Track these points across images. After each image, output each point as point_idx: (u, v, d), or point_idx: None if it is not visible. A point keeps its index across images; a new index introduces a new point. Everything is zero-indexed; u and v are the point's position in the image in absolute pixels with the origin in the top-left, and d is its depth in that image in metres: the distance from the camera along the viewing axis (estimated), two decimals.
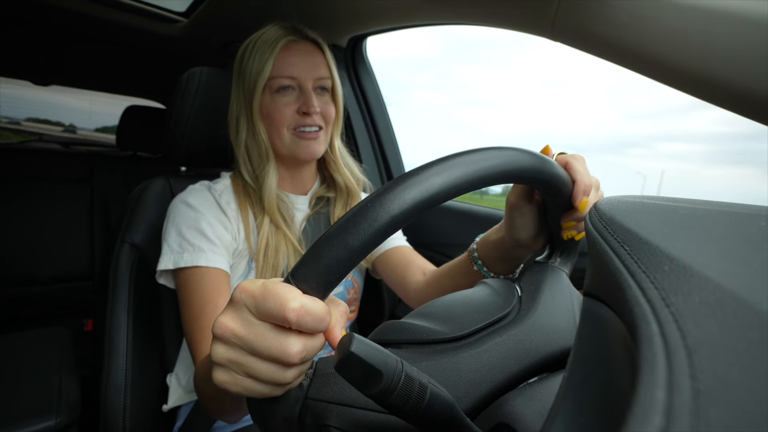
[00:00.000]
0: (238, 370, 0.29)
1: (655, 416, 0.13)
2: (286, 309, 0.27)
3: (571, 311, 0.42)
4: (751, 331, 0.14)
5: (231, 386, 0.30)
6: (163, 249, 0.68)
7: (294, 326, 0.27)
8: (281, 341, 0.28)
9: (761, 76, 0.41)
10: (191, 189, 0.74)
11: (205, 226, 0.68)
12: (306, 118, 0.73)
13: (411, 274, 0.77)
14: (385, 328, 0.38)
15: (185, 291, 0.65)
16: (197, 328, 0.62)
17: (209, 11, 1.14)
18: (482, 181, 0.33)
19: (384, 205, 0.29)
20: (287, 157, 0.76)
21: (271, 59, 0.71)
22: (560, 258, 0.50)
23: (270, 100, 0.73)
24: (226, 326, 0.29)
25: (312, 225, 0.81)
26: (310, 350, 0.29)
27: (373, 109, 1.25)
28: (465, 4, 0.74)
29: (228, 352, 0.29)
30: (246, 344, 0.28)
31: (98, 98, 2.20)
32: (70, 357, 0.92)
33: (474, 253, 0.59)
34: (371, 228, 0.28)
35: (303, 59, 0.73)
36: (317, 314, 0.28)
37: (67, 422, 0.75)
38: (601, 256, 0.23)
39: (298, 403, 0.32)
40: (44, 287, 1.66)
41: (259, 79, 0.71)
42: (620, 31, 0.51)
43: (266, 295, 0.28)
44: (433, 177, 0.30)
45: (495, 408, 0.32)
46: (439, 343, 0.36)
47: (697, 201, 0.26)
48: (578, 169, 0.44)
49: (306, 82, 0.73)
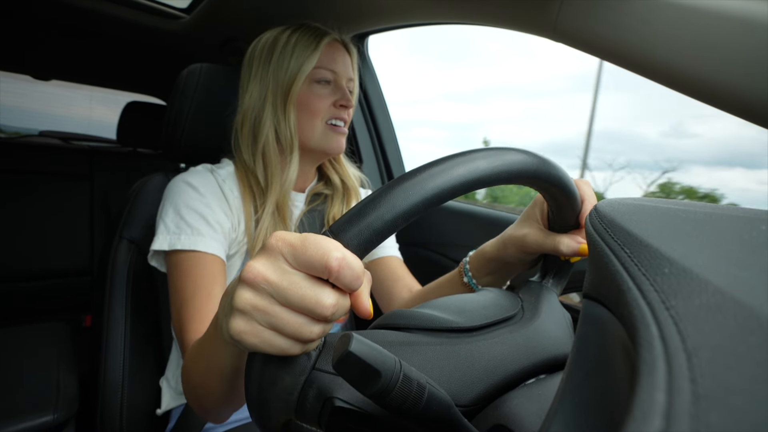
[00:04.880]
0: (261, 319, 0.28)
1: (654, 419, 0.13)
2: (329, 257, 0.26)
3: (567, 329, 0.43)
4: (751, 334, 0.14)
5: (248, 336, 0.28)
6: (159, 228, 0.65)
7: (333, 276, 0.27)
8: (316, 291, 0.27)
9: (763, 79, 0.41)
10: (194, 170, 0.73)
11: (206, 210, 0.66)
12: (342, 111, 0.75)
13: (398, 290, 0.78)
14: (394, 315, 0.37)
15: (178, 274, 0.62)
16: (186, 314, 0.59)
17: (211, 8, 1.14)
18: (520, 174, 0.35)
19: (434, 176, 0.30)
20: (314, 149, 0.76)
21: (318, 51, 0.73)
22: (552, 279, 0.52)
23: (308, 89, 0.74)
24: (258, 271, 0.27)
25: (308, 221, 0.81)
26: (340, 307, 0.28)
27: (374, 108, 1.25)
28: (467, 4, 0.74)
29: (255, 299, 0.28)
30: (278, 292, 0.27)
31: (97, 107, 2.19)
32: (69, 352, 0.92)
33: (466, 266, 0.60)
34: (418, 195, 0.29)
35: (341, 58, 0.76)
36: (356, 270, 0.27)
37: (64, 417, 0.75)
38: (601, 258, 0.23)
39: (305, 372, 0.30)
40: (43, 282, 1.66)
41: (303, 68, 0.72)
42: (622, 33, 0.51)
43: (307, 243, 0.27)
44: (479, 160, 0.33)
45: (492, 409, 0.33)
46: (453, 331, 0.36)
47: (698, 204, 0.26)
48: (586, 190, 0.48)
49: (342, 79, 0.76)
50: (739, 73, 0.42)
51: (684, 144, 4.07)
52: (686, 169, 2.76)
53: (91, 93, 2.36)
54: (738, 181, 2.90)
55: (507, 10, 0.67)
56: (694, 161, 3.65)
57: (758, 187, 2.31)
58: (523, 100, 7.95)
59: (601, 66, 5.90)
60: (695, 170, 2.99)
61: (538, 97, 7.42)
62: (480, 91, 8.67)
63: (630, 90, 4.73)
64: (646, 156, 3.39)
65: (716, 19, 0.43)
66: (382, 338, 0.33)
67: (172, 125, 0.84)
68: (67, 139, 2.05)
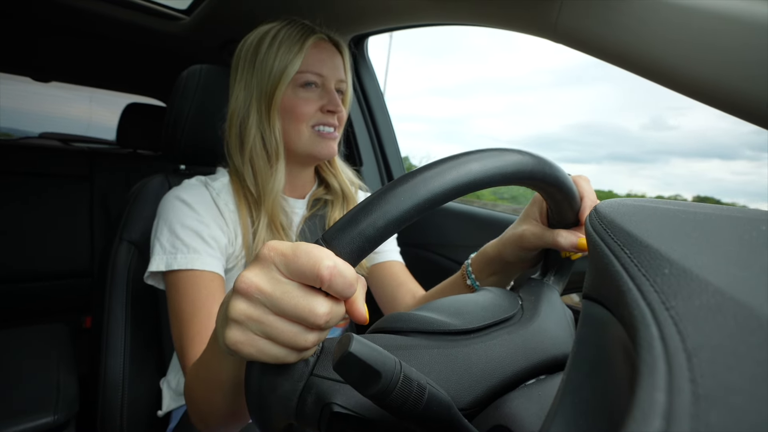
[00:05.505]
0: (256, 329, 0.28)
1: (654, 419, 0.13)
2: (320, 266, 0.26)
3: (568, 327, 0.43)
4: (751, 335, 0.14)
5: (244, 347, 0.28)
6: (155, 249, 0.64)
7: (325, 285, 0.27)
8: (309, 300, 0.28)
9: (763, 79, 0.41)
10: (187, 184, 0.71)
11: (200, 227, 0.65)
12: (329, 116, 0.71)
13: (401, 295, 0.77)
14: (392, 318, 0.37)
15: (176, 294, 0.61)
16: (187, 335, 0.58)
17: (211, 9, 1.14)
18: (515, 176, 0.35)
19: (426, 181, 0.30)
20: (302, 155, 0.73)
21: (302, 53, 0.69)
22: (554, 277, 0.52)
23: (292, 94, 0.70)
24: (251, 281, 0.28)
25: (309, 228, 0.80)
26: (334, 315, 0.29)
27: (374, 109, 1.25)
28: (467, 5, 0.74)
29: (249, 309, 0.28)
30: (271, 301, 0.28)
31: (97, 108, 2.19)
32: (69, 353, 0.92)
33: (468, 267, 0.60)
34: (410, 201, 0.29)
35: (329, 59, 0.72)
36: (349, 278, 0.27)
37: (65, 419, 0.75)
38: (601, 258, 0.23)
39: (303, 378, 0.30)
40: (43, 284, 1.66)
41: (287, 72, 0.68)
42: (623, 33, 0.51)
43: (298, 253, 0.27)
44: (472, 163, 0.32)
45: (492, 410, 0.32)
46: (450, 334, 0.36)
47: (698, 205, 0.26)
48: (585, 187, 0.47)
49: (330, 81, 0.72)
50: (739, 73, 0.42)
51: (663, 136, 4.16)
52: (665, 161, 2.79)
53: (91, 94, 2.36)
54: (714, 171, 2.94)
55: (507, 11, 0.67)
56: (673, 153, 3.74)
57: (732, 177, 2.34)
58: (507, 95, 7.92)
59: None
60: (674, 162, 3.02)
61: (520, 92, 7.42)
62: (464, 86, 8.69)
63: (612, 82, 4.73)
64: (628, 148, 3.42)
65: (716, 20, 0.43)
66: (379, 342, 0.33)
67: (172, 127, 0.84)
68: (67, 141, 2.05)
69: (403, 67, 8.28)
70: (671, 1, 0.46)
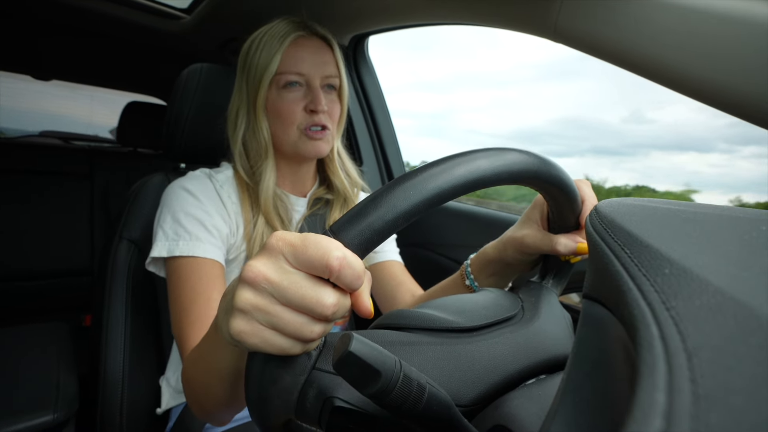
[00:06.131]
0: (262, 319, 0.28)
1: (654, 419, 0.13)
2: (329, 257, 0.26)
3: (567, 329, 0.43)
4: (751, 335, 0.14)
5: (249, 336, 0.28)
6: (157, 235, 0.65)
7: (334, 276, 0.27)
8: (317, 290, 0.27)
9: (763, 80, 0.41)
10: (191, 175, 0.72)
11: (203, 215, 0.66)
12: (314, 116, 0.70)
13: (401, 295, 0.77)
14: (395, 315, 0.37)
15: (177, 280, 0.62)
16: (186, 320, 0.59)
17: (211, 8, 1.14)
18: (521, 175, 0.35)
19: (434, 176, 0.30)
20: (290, 154, 0.74)
21: (279, 54, 0.69)
22: (552, 280, 0.52)
23: (276, 96, 0.71)
24: (258, 271, 0.27)
25: (309, 226, 0.80)
26: (341, 307, 0.28)
27: (374, 108, 1.25)
28: (467, 4, 0.74)
29: (256, 298, 0.28)
30: (279, 291, 0.27)
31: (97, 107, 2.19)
32: (69, 352, 0.92)
33: (467, 268, 0.61)
34: (419, 195, 0.29)
35: (312, 56, 0.71)
36: (357, 269, 0.27)
37: (64, 417, 0.75)
38: (601, 258, 0.23)
39: (306, 372, 0.30)
40: (43, 282, 1.66)
41: (266, 74, 0.69)
42: (622, 33, 0.51)
43: (307, 243, 0.27)
44: (480, 160, 0.33)
45: (492, 409, 0.33)
46: (454, 331, 0.36)
47: (698, 205, 0.26)
48: (586, 191, 0.48)
49: (314, 79, 0.71)
50: (739, 73, 0.42)
51: (642, 129, 4.12)
52: (645, 154, 2.77)
53: (92, 93, 2.36)
54: (691, 164, 2.87)
55: (506, 10, 0.67)
56: (653, 146, 3.69)
57: (709, 170, 2.31)
58: (490, 89, 7.72)
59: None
60: (654, 155, 3.00)
61: (503, 86, 7.16)
62: (447, 81, 8.44)
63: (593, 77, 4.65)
64: (610, 141, 3.39)
65: (716, 21, 0.43)
66: (382, 338, 0.33)
67: (172, 125, 0.84)
68: (68, 139, 2.05)
69: (387, 62, 8.15)
70: (671, 2, 0.46)
